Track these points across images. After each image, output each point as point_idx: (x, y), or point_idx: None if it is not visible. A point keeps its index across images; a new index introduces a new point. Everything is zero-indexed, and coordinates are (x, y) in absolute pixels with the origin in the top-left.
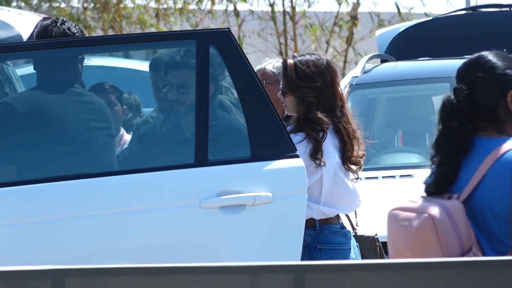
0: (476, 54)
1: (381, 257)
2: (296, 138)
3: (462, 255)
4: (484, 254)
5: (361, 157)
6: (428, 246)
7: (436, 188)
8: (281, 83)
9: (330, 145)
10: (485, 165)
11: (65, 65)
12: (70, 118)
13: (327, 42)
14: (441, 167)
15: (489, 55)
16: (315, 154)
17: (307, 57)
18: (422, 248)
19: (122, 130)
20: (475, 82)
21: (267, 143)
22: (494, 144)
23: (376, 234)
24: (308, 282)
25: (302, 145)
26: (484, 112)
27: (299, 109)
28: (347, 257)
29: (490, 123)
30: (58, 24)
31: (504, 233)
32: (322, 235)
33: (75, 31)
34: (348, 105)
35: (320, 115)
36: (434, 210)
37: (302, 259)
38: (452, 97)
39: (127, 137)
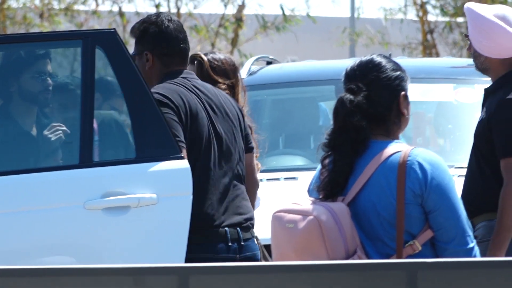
0: (367, 56)
1: (265, 259)
2: None
3: (347, 257)
4: (369, 257)
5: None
6: (314, 248)
7: (330, 189)
8: None
9: None
10: (370, 168)
11: None
12: None
13: (212, 44)
14: (337, 168)
15: (380, 57)
16: None
17: (219, 55)
18: (307, 250)
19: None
20: (371, 82)
21: (152, 145)
22: (379, 147)
23: (257, 237)
24: (192, 284)
25: None
26: (378, 113)
27: None
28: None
29: (382, 125)
30: None
31: (388, 236)
32: None
33: None
34: None
35: None
36: (320, 212)
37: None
38: (351, 96)
39: None
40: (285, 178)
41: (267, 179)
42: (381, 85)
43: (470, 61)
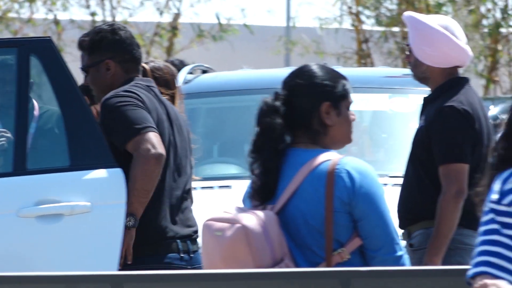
0: (303, 64)
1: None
2: None
3: (274, 266)
4: (297, 265)
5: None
6: (240, 256)
7: (260, 195)
8: None
9: None
10: (299, 176)
11: None
12: None
13: (147, 52)
14: (263, 172)
15: (313, 66)
16: None
17: (158, 63)
18: (234, 258)
19: None
20: (294, 89)
21: (87, 153)
22: (308, 155)
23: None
24: None
25: None
26: (299, 120)
27: None
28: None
29: (306, 133)
30: None
31: (317, 244)
32: None
33: None
34: None
35: None
36: (247, 220)
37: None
38: (269, 99)
39: None
40: (219, 187)
41: (202, 188)
42: (302, 92)
43: (405, 71)
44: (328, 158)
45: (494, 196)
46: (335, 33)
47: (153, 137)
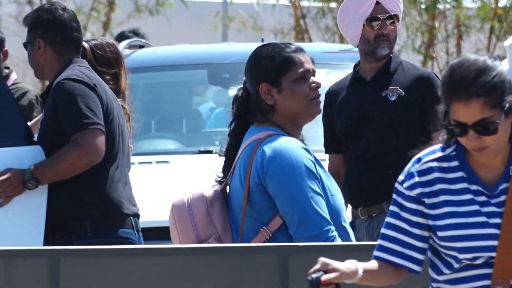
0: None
1: None
2: None
3: (199, 243)
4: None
5: None
6: (173, 234)
7: (223, 173)
8: None
9: None
10: (239, 154)
11: None
12: None
13: (84, 27)
14: (226, 151)
15: (257, 48)
16: None
17: (100, 40)
18: (172, 234)
19: None
20: (245, 74)
21: (3, 130)
22: (251, 133)
23: None
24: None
25: None
26: (252, 102)
27: None
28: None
29: (259, 113)
30: None
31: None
32: None
33: None
34: None
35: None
36: (176, 201)
37: None
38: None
39: None
40: (157, 162)
41: (139, 163)
42: (246, 78)
43: (343, 46)
44: (259, 137)
45: (401, 177)
46: (272, 9)
47: (98, 137)
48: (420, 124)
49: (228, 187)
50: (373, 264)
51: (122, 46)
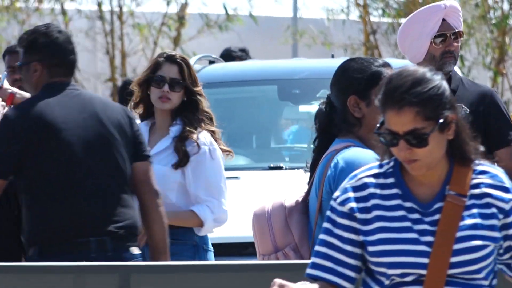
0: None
1: None
2: None
3: (275, 252)
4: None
5: None
6: (255, 242)
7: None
8: None
9: None
10: (319, 164)
11: None
12: None
13: (155, 42)
14: (311, 163)
15: (346, 61)
16: None
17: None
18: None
19: None
20: (332, 86)
21: None
22: (333, 144)
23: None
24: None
25: None
26: (338, 115)
27: None
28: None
29: (345, 125)
30: None
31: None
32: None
33: None
34: None
35: None
36: (257, 210)
37: (192, 259)
38: (321, 102)
39: None
40: (227, 178)
41: None
42: (332, 91)
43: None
44: (336, 148)
45: (336, 193)
46: (342, 24)
47: None
48: (483, 142)
49: (309, 197)
50: (317, 286)
51: (192, 61)
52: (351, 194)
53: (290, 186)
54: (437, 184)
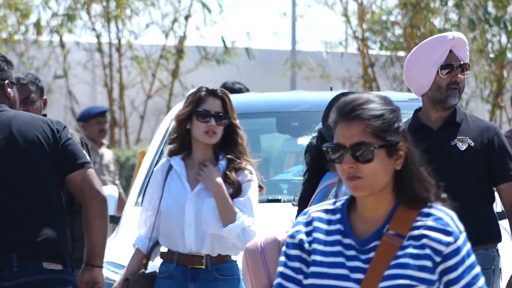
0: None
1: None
2: None
3: (271, 287)
4: None
5: None
6: (246, 275)
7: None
8: None
9: None
10: (313, 198)
11: None
12: None
13: (153, 75)
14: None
15: (341, 94)
16: None
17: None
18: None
19: None
20: (323, 120)
21: None
22: (326, 178)
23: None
24: None
25: None
26: None
27: None
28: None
29: None
30: None
31: None
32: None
33: None
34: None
35: None
36: (250, 244)
37: None
38: (312, 136)
39: None
40: None
41: None
42: (325, 123)
43: (411, 95)
44: (332, 182)
45: (290, 229)
46: (340, 57)
47: None
48: (485, 175)
49: None
50: None
51: (189, 94)
52: (301, 228)
53: (288, 219)
54: (379, 222)
